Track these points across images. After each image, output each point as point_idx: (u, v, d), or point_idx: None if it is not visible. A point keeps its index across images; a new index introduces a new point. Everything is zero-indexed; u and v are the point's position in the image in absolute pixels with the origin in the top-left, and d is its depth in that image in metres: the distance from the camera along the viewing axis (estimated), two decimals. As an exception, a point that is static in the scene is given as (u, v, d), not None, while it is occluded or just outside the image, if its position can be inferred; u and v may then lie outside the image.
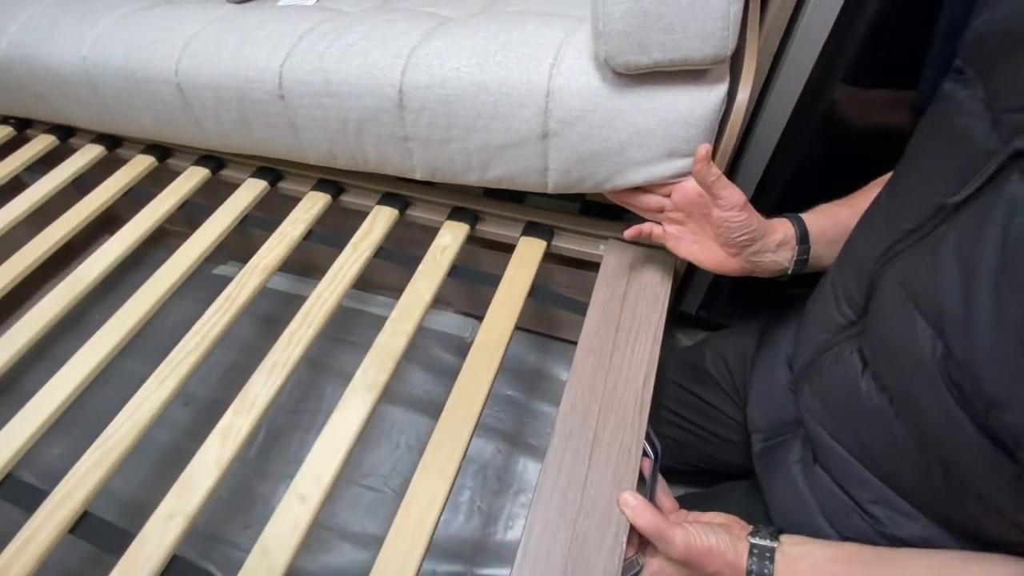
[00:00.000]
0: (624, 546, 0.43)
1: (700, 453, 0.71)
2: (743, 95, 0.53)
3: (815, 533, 0.45)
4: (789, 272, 0.51)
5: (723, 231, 0.49)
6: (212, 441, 0.55)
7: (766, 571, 0.40)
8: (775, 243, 0.49)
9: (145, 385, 0.60)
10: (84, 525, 0.52)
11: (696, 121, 0.52)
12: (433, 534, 0.48)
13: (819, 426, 0.46)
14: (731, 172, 0.75)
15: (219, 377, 0.97)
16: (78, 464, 0.55)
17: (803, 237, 0.49)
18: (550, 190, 0.63)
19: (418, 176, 0.69)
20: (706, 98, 0.52)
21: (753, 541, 0.42)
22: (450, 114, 0.59)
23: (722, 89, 0.52)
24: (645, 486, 0.49)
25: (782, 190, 0.73)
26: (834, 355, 0.44)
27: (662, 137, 0.53)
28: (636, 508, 0.42)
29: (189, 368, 0.61)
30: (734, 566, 0.41)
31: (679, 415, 0.72)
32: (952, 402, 0.31)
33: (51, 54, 0.79)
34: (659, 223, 0.57)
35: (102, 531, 0.52)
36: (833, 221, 0.50)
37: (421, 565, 0.46)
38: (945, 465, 0.35)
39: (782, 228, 0.50)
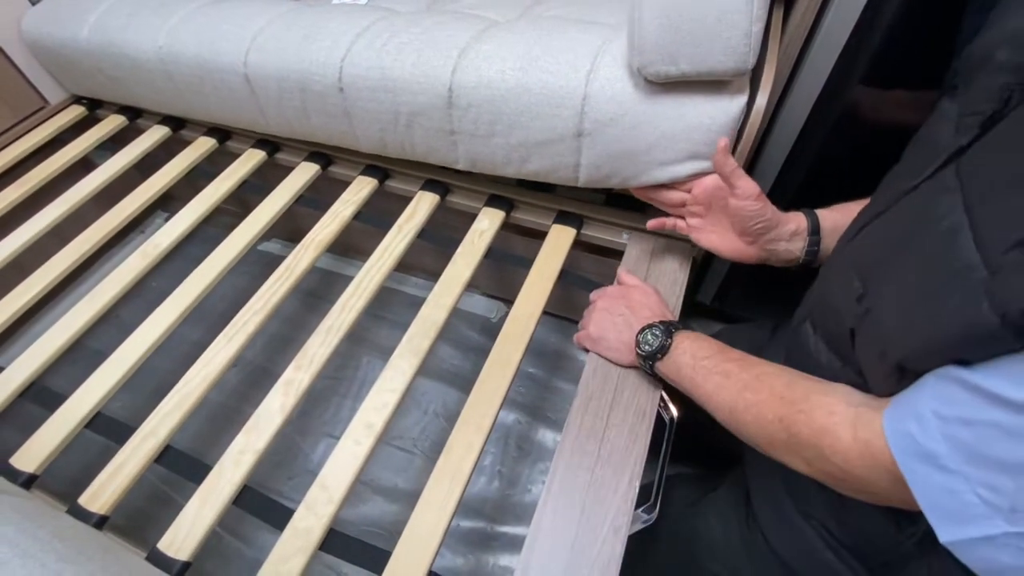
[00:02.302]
0: (636, 491, 0.50)
1: (704, 436, 0.77)
2: (761, 100, 0.58)
3: (779, 511, 0.50)
4: (800, 261, 0.56)
5: (739, 220, 0.55)
6: (276, 390, 0.62)
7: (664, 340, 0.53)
8: (789, 233, 0.55)
9: (215, 342, 0.68)
10: (167, 456, 0.60)
11: (717, 128, 0.58)
12: (470, 478, 0.55)
13: None
14: (749, 171, 0.80)
15: (263, 345, 1.06)
16: (160, 406, 0.63)
17: (814, 229, 0.55)
18: (580, 184, 0.70)
19: (460, 166, 0.75)
20: (727, 107, 0.57)
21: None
22: (494, 112, 0.66)
23: (742, 100, 0.57)
24: (661, 451, 0.56)
25: (797, 189, 0.78)
26: (796, 328, 0.51)
27: (685, 140, 0.59)
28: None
29: (254, 328, 0.69)
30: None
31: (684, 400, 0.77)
32: (872, 354, 0.36)
33: (129, 42, 0.87)
34: (681, 216, 0.63)
35: (183, 462, 0.60)
36: (847, 217, 0.54)
37: (459, 502, 0.53)
38: None
39: (796, 220, 0.55)
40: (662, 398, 0.57)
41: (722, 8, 0.50)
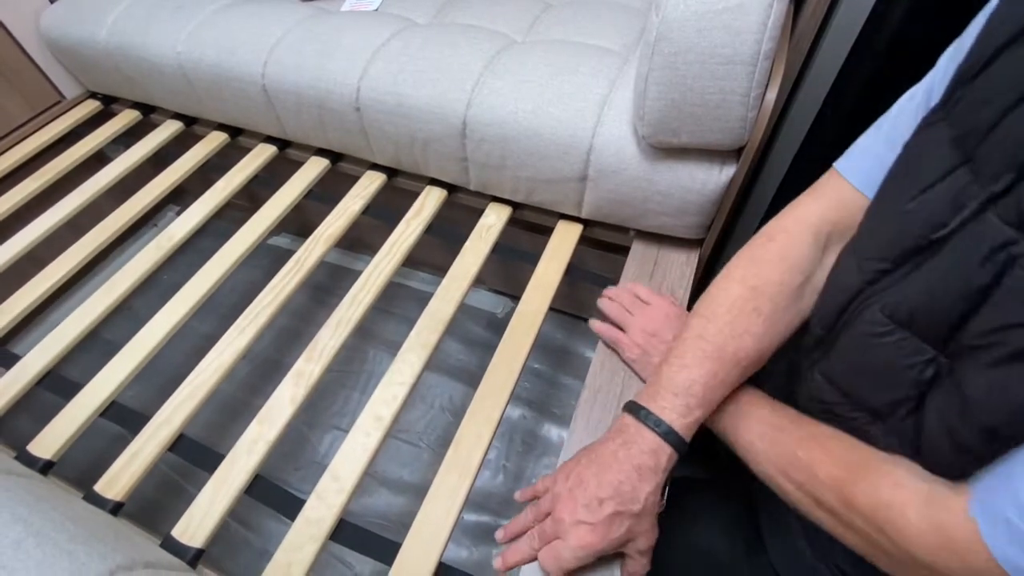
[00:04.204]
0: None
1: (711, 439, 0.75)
2: (771, 95, 0.58)
3: (792, 549, 0.48)
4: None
5: None
6: (287, 381, 0.63)
7: None
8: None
9: (227, 333, 0.69)
10: (181, 445, 0.61)
11: (707, 192, 0.63)
12: (479, 468, 0.55)
13: None
14: (757, 169, 0.80)
15: (272, 338, 1.07)
16: (174, 395, 0.64)
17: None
18: (582, 216, 0.75)
19: (471, 187, 0.78)
20: (717, 176, 0.62)
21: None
22: (506, 148, 0.69)
23: (731, 171, 0.62)
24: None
25: (807, 186, 0.78)
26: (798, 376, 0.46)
27: (678, 199, 0.65)
28: None
29: (264, 321, 0.69)
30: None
31: None
32: (946, 422, 0.31)
33: (148, 46, 0.87)
34: None
35: (196, 451, 0.61)
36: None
37: (468, 494, 0.54)
38: None
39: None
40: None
41: (723, 96, 0.54)
